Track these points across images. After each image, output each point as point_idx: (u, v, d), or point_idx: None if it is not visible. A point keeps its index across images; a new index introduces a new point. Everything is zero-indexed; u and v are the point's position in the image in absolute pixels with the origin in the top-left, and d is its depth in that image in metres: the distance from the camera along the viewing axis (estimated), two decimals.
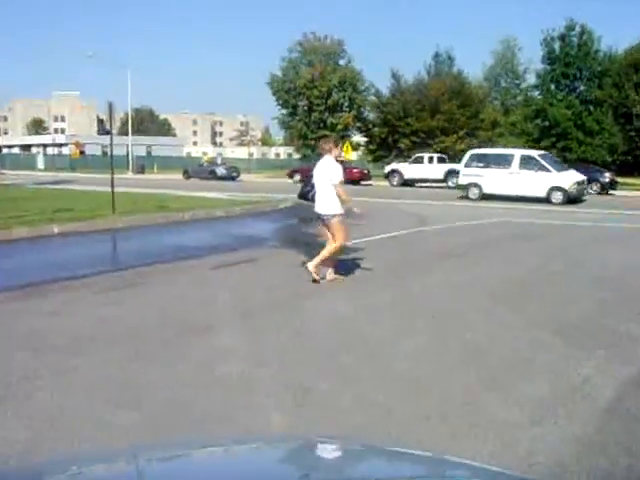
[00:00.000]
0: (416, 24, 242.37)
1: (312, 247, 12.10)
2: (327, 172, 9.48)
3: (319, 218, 9.80)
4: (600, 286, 9.79)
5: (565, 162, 59.57)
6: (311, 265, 9.48)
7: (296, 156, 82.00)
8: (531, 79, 71.21)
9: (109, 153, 18.79)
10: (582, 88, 61.93)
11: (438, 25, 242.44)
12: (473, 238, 15.47)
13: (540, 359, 6.08)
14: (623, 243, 15.45)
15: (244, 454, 1.89)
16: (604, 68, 59.80)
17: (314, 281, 9.43)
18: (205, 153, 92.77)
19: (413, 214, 21.36)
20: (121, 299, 8.44)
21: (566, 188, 27.70)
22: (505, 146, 66.60)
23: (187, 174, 54.88)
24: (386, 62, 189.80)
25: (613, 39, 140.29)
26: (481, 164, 29.56)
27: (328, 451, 1.93)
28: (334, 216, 9.49)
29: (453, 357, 6.09)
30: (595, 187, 37.50)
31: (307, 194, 10.06)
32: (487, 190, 28.84)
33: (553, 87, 62.41)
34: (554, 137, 61.31)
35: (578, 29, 61.65)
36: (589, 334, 6.99)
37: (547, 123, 63.30)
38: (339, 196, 9.41)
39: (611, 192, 37.94)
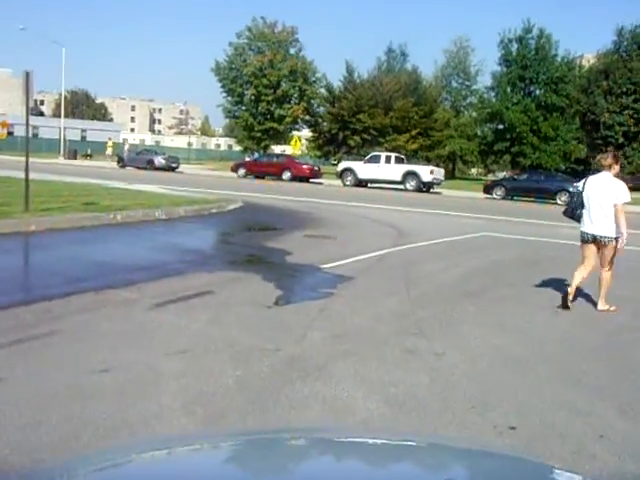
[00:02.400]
0: (371, 17, 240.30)
1: (280, 269, 10.52)
2: (611, 191, 8.77)
3: (594, 240, 8.95)
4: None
5: (517, 167, 58.27)
6: (601, 306, 9.07)
7: (237, 148, 78.66)
8: (483, 81, 69.59)
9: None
10: (538, 92, 60.14)
11: (393, 18, 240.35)
12: (475, 264, 12.61)
13: None
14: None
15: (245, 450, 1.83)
16: (562, 73, 58.09)
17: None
18: (125, 140, 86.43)
19: (386, 224, 18.45)
20: None
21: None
22: (454, 148, 65.45)
23: (122, 162, 50.81)
24: (339, 55, 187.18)
25: (571, 45, 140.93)
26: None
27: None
28: (613, 239, 8.82)
29: None
30: (564, 197, 35.27)
31: (573, 212, 9.17)
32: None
33: (509, 90, 60.48)
34: (508, 141, 59.58)
35: (536, 32, 59.90)
36: None
37: (501, 126, 61.50)
38: (619, 219, 8.72)
39: None
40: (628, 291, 10.32)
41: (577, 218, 9.07)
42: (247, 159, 51.57)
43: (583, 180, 9.23)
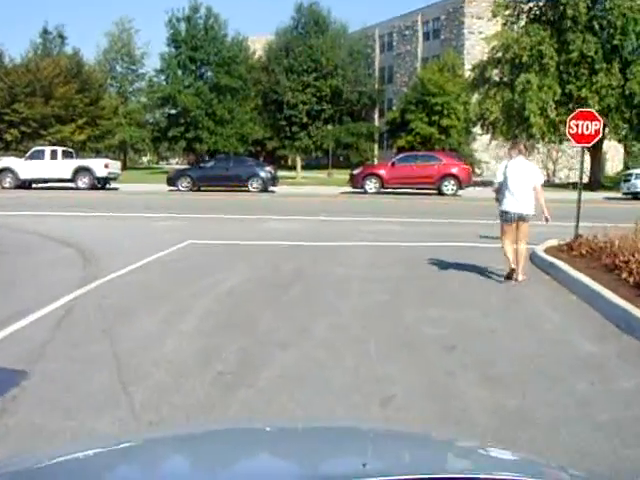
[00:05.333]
0: None
1: None
2: (531, 173, 10.05)
3: (519, 218, 9.86)
4: None
5: (193, 153, 55.31)
6: (520, 276, 9.95)
7: None
8: (151, 64, 65.41)
9: None
10: (211, 74, 57.42)
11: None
12: (211, 302, 8.65)
13: None
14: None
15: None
16: (234, 54, 55.90)
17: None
18: None
19: (63, 242, 13.60)
20: None
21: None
22: (125, 137, 60.50)
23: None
24: None
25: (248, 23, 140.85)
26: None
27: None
28: (532, 216, 10.00)
29: None
30: (256, 184, 32.60)
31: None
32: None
33: (180, 72, 56.98)
34: (183, 126, 56.25)
35: (204, 11, 57.03)
36: None
37: (175, 111, 58.00)
38: (540, 198, 10.01)
39: (272, 189, 33.27)
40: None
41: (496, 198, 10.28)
42: None
43: (503, 166, 10.21)
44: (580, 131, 13.45)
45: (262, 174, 33.11)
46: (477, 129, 45.18)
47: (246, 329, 7.26)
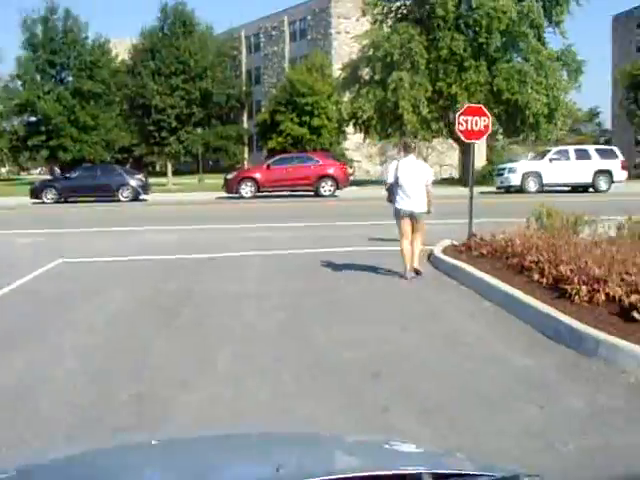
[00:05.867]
0: None
1: None
2: (422, 172, 10.10)
3: (413, 216, 9.91)
4: None
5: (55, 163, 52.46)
6: (416, 265, 10.07)
7: None
8: (6, 69, 61.78)
9: None
10: (72, 79, 54.65)
11: None
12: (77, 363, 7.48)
13: None
14: None
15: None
16: (95, 58, 53.42)
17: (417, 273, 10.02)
18: None
19: None
20: None
21: None
22: None
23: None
24: None
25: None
26: None
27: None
28: (425, 213, 10.06)
29: None
30: (127, 193, 30.94)
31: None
32: None
33: (39, 77, 53.92)
34: (44, 134, 53.23)
35: (62, 13, 54.17)
36: None
37: (34, 119, 54.88)
38: (430, 196, 10.06)
39: (143, 197, 31.66)
40: None
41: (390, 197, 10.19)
42: None
43: (394, 165, 10.24)
44: (470, 127, 13.10)
45: (132, 182, 31.49)
46: (350, 128, 45.02)
47: (137, 368, 6.16)
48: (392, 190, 10.11)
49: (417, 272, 10.11)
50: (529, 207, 12.33)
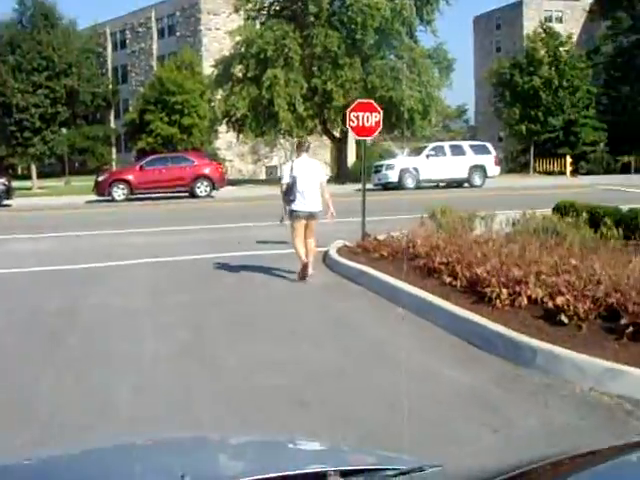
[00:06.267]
0: None
1: None
2: (317, 171, 10.09)
3: (309, 217, 9.77)
4: None
5: None
6: (311, 270, 9.76)
7: None
8: None
9: None
10: None
11: None
12: None
13: None
14: None
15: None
16: None
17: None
18: None
19: None
20: None
21: None
22: None
23: None
24: None
25: None
26: None
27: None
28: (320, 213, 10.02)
29: None
30: None
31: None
32: None
33: None
34: None
35: None
36: None
37: None
38: (327, 194, 10.04)
39: (6, 202, 29.43)
40: None
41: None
42: None
43: (289, 166, 10.15)
44: (361, 123, 12.76)
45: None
46: (222, 127, 44.02)
47: (24, 413, 5.19)
48: (289, 191, 9.84)
49: (303, 276, 9.86)
50: (411, 204, 12.09)
